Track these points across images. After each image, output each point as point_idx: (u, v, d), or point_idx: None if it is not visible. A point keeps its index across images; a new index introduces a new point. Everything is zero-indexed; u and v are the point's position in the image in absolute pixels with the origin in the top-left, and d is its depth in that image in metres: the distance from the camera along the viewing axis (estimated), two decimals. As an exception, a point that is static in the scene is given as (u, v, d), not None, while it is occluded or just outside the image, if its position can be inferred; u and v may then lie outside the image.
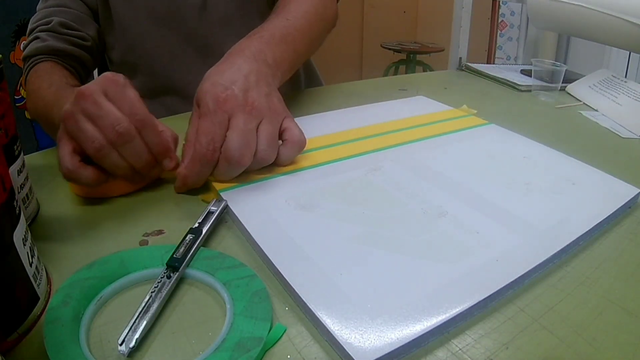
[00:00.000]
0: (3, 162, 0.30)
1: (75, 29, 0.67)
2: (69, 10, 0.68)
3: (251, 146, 0.43)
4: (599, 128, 0.65)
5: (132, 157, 0.42)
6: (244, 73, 0.46)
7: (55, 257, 0.37)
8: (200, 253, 0.36)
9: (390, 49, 2.93)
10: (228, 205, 0.42)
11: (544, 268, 0.36)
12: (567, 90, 0.80)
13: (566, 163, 0.51)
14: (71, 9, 0.68)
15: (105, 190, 0.45)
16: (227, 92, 0.44)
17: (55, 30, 0.65)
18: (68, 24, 0.66)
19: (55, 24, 0.65)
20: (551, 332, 0.31)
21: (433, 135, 0.58)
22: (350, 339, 0.29)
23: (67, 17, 0.67)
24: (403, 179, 0.47)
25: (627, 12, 0.68)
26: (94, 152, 0.41)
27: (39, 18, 0.67)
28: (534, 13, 0.85)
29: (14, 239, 0.29)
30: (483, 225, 0.40)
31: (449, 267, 0.35)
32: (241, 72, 0.46)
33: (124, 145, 0.41)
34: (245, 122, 0.43)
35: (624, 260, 0.38)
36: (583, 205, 0.43)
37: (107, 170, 0.42)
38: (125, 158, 0.42)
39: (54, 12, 0.67)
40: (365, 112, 0.65)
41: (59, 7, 0.68)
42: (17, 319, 0.29)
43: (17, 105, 1.25)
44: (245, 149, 0.43)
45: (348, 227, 0.39)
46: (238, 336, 0.29)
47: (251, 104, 0.44)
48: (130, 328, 0.29)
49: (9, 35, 1.18)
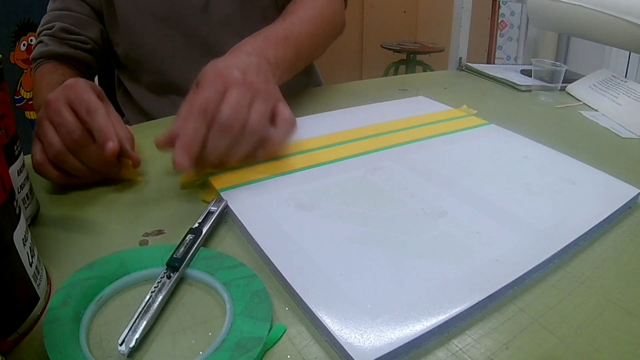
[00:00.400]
0: (3, 162, 0.30)
1: (76, 33, 0.70)
2: (72, 14, 0.70)
3: (241, 116, 0.44)
4: (599, 128, 0.65)
5: (88, 160, 0.45)
6: (245, 62, 0.48)
7: (55, 257, 0.37)
8: (200, 253, 0.36)
9: (390, 49, 2.93)
10: (228, 205, 0.42)
11: (544, 268, 0.36)
12: (567, 90, 0.80)
13: (566, 163, 0.51)
14: (74, 12, 0.70)
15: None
16: (227, 69, 0.46)
17: (57, 36, 0.69)
18: (69, 28, 0.69)
19: (56, 29, 0.69)
20: (551, 332, 0.31)
21: (433, 135, 0.58)
22: (350, 339, 0.29)
23: (69, 21, 0.70)
24: (403, 179, 0.47)
25: (627, 12, 0.68)
26: (53, 157, 0.45)
27: (44, 22, 0.71)
28: (534, 13, 0.85)
29: (14, 239, 0.29)
30: (483, 225, 0.40)
31: (449, 267, 0.35)
32: (242, 62, 0.48)
33: (79, 150, 0.45)
34: (238, 94, 0.44)
35: (624, 260, 0.38)
36: (583, 205, 0.43)
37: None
38: (83, 161, 0.45)
39: (58, 16, 0.70)
40: (365, 112, 0.65)
41: (62, 11, 0.70)
42: (17, 319, 0.29)
43: (17, 105, 1.25)
44: (235, 117, 0.43)
45: (348, 227, 0.39)
46: (238, 336, 0.29)
47: (249, 82, 0.46)
48: (130, 328, 0.29)
49: (9, 35, 1.18)
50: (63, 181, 0.46)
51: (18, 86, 1.23)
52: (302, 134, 0.56)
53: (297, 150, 0.52)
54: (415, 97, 0.73)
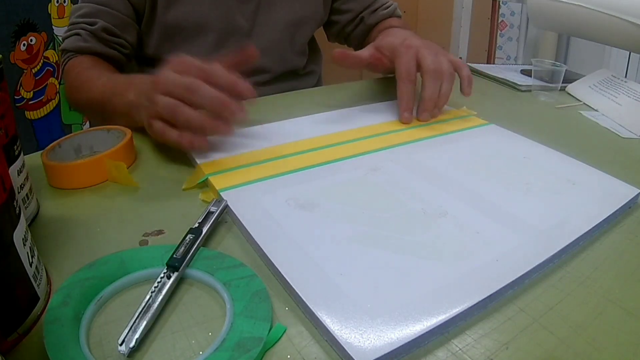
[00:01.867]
0: (3, 162, 0.30)
1: (117, 35, 0.70)
2: (114, 12, 0.69)
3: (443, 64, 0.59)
4: (599, 128, 0.65)
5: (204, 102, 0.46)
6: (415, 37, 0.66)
7: (55, 257, 0.37)
8: (200, 253, 0.36)
9: (390, 49, 2.92)
10: (228, 205, 0.42)
11: (544, 268, 0.36)
12: (567, 90, 0.80)
13: (566, 163, 0.51)
14: (116, 11, 0.69)
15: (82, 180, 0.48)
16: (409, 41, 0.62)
17: (98, 35, 0.68)
18: (111, 30, 0.69)
19: (98, 28, 0.68)
20: (551, 332, 0.31)
21: (433, 135, 0.58)
22: (350, 339, 0.29)
23: (112, 21, 0.69)
24: (403, 179, 0.47)
25: (627, 12, 0.68)
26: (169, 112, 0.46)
27: (84, 14, 0.69)
28: (534, 13, 0.85)
29: (14, 239, 0.29)
30: (483, 226, 0.40)
31: (449, 267, 0.35)
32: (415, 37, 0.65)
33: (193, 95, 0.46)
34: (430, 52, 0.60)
35: (624, 260, 0.38)
36: (583, 205, 0.43)
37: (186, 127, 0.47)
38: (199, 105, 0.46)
39: (100, 12, 0.69)
40: (366, 112, 0.65)
41: (104, 7, 0.69)
42: (17, 319, 0.29)
43: (17, 105, 1.24)
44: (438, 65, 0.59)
45: (348, 227, 0.39)
46: (238, 336, 0.29)
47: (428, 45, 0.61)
48: (130, 328, 0.29)
49: (9, 35, 1.18)
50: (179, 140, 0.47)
51: (18, 86, 1.23)
52: (302, 134, 0.56)
53: (297, 150, 0.52)
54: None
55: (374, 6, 0.86)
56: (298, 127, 0.59)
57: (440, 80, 0.59)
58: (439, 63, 0.58)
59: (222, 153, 0.51)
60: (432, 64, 0.58)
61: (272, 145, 0.53)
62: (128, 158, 0.52)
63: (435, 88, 0.59)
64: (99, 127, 0.54)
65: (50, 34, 1.30)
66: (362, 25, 0.87)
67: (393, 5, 0.88)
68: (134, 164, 0.52)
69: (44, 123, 1.33)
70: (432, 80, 0.58)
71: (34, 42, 1.25)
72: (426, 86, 0.59)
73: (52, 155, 0.49)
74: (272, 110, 0.67)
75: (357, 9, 0.86)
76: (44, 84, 1.31)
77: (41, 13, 1.26)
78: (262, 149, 0.53)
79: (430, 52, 0.59)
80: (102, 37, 0.69)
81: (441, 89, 0.59)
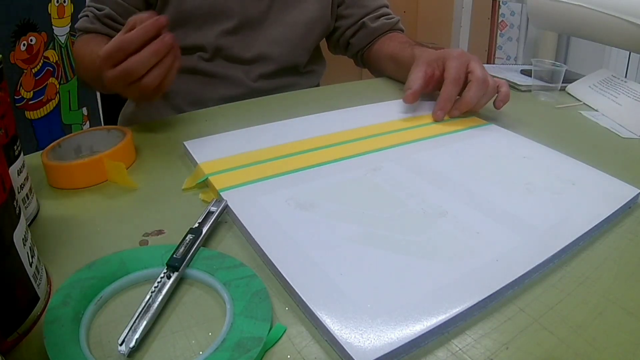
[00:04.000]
0: (3, 162, 0.30)
1: (120, 23, 0.74)
2: (124, 4, 0.74)
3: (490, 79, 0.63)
4: (599, 128, 0.65)
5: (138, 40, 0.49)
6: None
7: (55, 257, 0.37)
8: (200, 253, 0.36)
9: (390, 49, 2.92)
10: (228, 205, 0.42)
11: (544, 268, 0.36)
12: (567, 90, 0.80)
13: (566, 163, 0.51)
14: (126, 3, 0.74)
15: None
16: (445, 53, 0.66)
17: (102, 20, 0.74)
18: (115, 17, 0.74)
19: (103, 14, 0.74)
20: (551, 332, 0.31)
21: (433, 135, 0.58)
22: (350, 339, 0.29)
23: (117, 9, 0.74)
24: (403, 179, 0.47)
25: (627, 12, 0.68)
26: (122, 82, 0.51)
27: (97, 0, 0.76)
28: (534, 13, 0.85)
29: (14, 239, 0.29)
30: (483, 226, 0.40)
31: (449, 267, 0.35)
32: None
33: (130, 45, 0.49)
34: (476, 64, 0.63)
35: (624, 260, 0.38)
36: (583, 205, 0.43)
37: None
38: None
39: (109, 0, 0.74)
40: (365, 112, 0.65)
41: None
42: (17, 319, 0.29)
43: (17, 105, 1.24)
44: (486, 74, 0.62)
45: (348, 227, 0.39)
46: (238, 336, 0.29)
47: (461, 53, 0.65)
48: (130, 328, 0.29)
49: (9, 35, 1.18)
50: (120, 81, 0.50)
51: (18, 86, 1.23)
52: (302, 134, 0.56)
53: (297, 150, 0.52)
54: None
55: (376, 13, 0.87)
56: (298, 127, 0.59)
57: (484, 91, 0.61)
58: (487, 77, 0.62)
59: (222, 153, 0.51)
60: (482, 76, 0.61)
61: (272, 145, 0.54)
62: (128, 158, 0.52)
63: (478, 95, 0.61)
64: (99, 127, 0.54)
65: (50, 34, 1.30)
66: (363, 30, 0.87)
67: (396, 18, 0.89)
68: (133, 164, 0.52)
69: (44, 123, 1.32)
70: (478, 87, 0.61)
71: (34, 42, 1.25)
72: (471, 89, 0.61)
73: (52, 155, 0.49)
74: (272, 110, 0.67)
75: (359, 14, 0.87)
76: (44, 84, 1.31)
77: (41, 13, 1.26)
78: (262, 149, 0.53)
79: (481, 66, 0.63)
80: (105, 22, 0.74)
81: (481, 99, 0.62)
